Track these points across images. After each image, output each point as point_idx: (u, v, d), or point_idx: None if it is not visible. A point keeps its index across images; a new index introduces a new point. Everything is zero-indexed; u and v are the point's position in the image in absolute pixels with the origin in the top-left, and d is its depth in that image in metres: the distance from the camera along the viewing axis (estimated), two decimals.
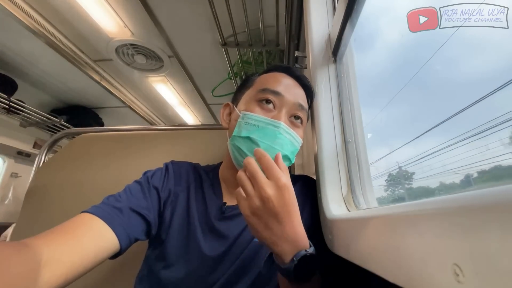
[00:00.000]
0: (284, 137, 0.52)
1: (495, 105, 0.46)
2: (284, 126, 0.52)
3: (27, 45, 1.63)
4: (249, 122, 0.53)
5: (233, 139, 0.54)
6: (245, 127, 0.52)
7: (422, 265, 0.20)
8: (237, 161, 0.54)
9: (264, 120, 0.52)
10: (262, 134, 0.51)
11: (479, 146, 0.48)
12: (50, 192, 0.86)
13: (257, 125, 0.52)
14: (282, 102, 0.54)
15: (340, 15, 0.56)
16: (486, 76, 0.50)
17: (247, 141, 0.52)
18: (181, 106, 2.48)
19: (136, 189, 0.53)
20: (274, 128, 0.51)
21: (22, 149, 2.27)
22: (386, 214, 0.27)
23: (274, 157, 0.48)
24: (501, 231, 0.14)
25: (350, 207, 0.51)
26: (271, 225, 0.39)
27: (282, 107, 0.54)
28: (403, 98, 0.63)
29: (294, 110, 0.55)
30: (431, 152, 0.58)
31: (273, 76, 0.58)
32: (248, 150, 0.51)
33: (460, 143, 0.52)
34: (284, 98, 0.54)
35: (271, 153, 0.49)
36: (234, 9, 1.29)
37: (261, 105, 0.54)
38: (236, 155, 0.54)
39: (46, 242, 0.37)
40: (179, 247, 0.52)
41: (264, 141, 0.51)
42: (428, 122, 0.59)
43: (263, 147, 0.50)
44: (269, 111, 0.54)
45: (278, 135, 0.51)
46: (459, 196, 0.17)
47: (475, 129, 0.48)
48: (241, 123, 0.53)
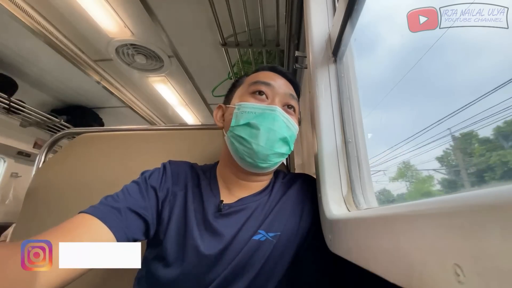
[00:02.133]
0: (281, 120, 0.55)
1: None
2: (280, 110, 0.56)
3: (28, 45, 1.63)
4: (245, 111, 0.55)
5: (231, 130, 0.56)
6: (242, 116, 0.55)
7: (423, 265, 0.20)
8: (238, 152, 0.56)
9: (260, 106, 0.56)
10: (261, 118, 0.54)
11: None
12: (50, 192, 0.86)
13: (254, 112, 0.55)
14: (274, 92, 0.58)
15: (340, 15, 0.56)
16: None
17: (246, 128, 0.54)
18: (181, 106, 2.48)
19: (134, 189, 0.53)
20: (270, 111, 0.55)
21: (22, 149, 2.27)
22: (386, 214, 0.27)
23: (273, 139, 0.52)
24: (502, 231, 0.14)
25: (350, 207, 0.51)
26: None
27: (275, 96, 0.58)
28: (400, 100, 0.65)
29: (286, 99, 0.59)
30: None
31: (263, 73, 0.63)
32: (249, 136, 0.54)
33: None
34: (275, 88, 0.58)
35: (272, 135, 0.53)
36: (234, 9, 1.29)
37: (255, 96, 0.58)
38: (236, 146, 0.55)
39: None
40: (177, 246, 0.52)
41: (264, 124, 0.53)
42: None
43: (264, 130, 0.53)
44: (263, 100, 0.57)
45: (276, 117, 0.54)
46: (460, 196, 0.17)
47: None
48: (237, 113, 0.56)
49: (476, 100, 0.49)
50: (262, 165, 0.55)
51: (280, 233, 0.53)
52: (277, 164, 0.58)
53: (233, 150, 0.57)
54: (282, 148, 0.56)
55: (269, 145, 0.53)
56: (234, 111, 0.57)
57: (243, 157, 0.55)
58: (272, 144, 0.53)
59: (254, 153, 0.53)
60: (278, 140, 0.54)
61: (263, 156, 0.53)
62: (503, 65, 0.48)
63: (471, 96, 0.49)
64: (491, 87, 0.47)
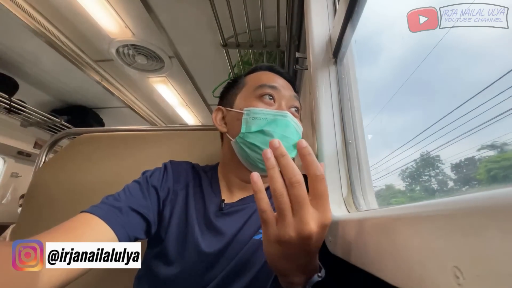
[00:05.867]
0: (293, 126, 0.55)
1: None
2: (290, 115, 0.55)
3: (28, 45, 1.64)
4: (256, 117, 0.54)
5: (242, 136, 0.54)
6: (253, 122, 0.54)
7: (422, 267, 0.20)
8: (249, 159, 0.55)
9: (271, 112, 0.55)
10: (274, 125, 0.53)
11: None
12: (50, 192, 0.86)
13: (266, 118, 0.54)
14: (280, 95, 0.58)
15: (340, 17, 0.56)
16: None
17: (259, 135, 0.53)
18: (181, 106, 2.48)
19: (135, 189, 0.53)
20: (282, 118, 0.54)
21: (22, 149, 2.28)
22: (386, 215, 0.27)
23: (287, 146, 0.49)
24: (502, 234, 0.14)
25: (350, 208, 0.50)
26: (297, 259, 0.34)
27: (281, 100, 0.58)
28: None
29: (291, 101, 0.59)
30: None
31: (263, 74, 0.62)
32: (262, 143, 0.53)
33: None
34: (281, 91, 0.58)
35: (285, 142, 0.50)
36: (235, 10, 1.30)
37: (263, 99, 0.57)
38: (248, 152, 0.54)
39: (46, 242, 0.37)
40: (178, 245, 0.52)
41: (277, 131, 0.53)
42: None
43: (277, 137, 0.52)
44: (271, 104, 0.57)
45: (288, 123, 0.54)
46: (460, 198, 0.17)
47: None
48: (247, 119, 0.55)
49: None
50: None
51: None
52: None
53: (243, 156, 0.56)
54: (292, 153, 0.54)
55: None
56: (244, 116, 0.55)
57: (255, 163, 0.54)
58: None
59: None
60: (290, 146, 0.53)
61: None
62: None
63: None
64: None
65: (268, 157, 0.33)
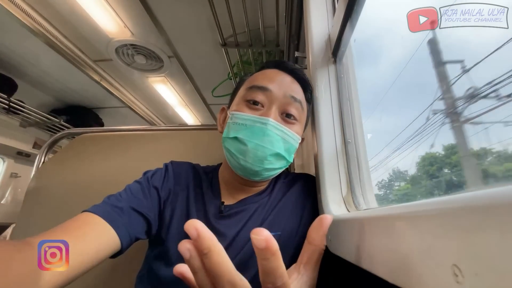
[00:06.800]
0: (274, 134, 0.50)
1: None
2: (273, 122, 0.50)
3: (27, 45, 1.63)
4: (236, 122, 0.52)
5: (223, 140, 0.54)
6: (233, 127, 0.52)
7: (422, 266, 0.20)
8: (230, 164, 0.54)
9: (251, 118, 0.51)
10: (249, 133, 0.50)
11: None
12: (50, 192, 0.86)
13: (245, 124, 0.51)
14: (271, 98, 0.53)
15: (340, 16, 0.56)
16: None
17: (235, 141, 0.51)
18: (181, 106, 2.48)
19: (136, 189, 0.53)
20: (261, 125, 0.50)
21: (22, 149, 2.27)
22: (385, 214, 0.27)
23: (262, 156, 0.48)
24: (501, 232, 0.14)
25: (349, 207, 0.51)
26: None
27: (272, 103, 0.52)
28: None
29: (286, 104, 0.53)
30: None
31: (263, 73, 0.58)
32: (237, 151, 0.51)
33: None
34: (273, 93, 0.53)
35: (260, 152, 0.49)
36: (234, 10, 1.29)
37: (249, 105, 0.53)
38: (229, 158, 0.54)
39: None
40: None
41: (252, 140, 0.49)
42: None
43: (251, 147, 0.49)
44: (257, 110, 0.53)
45: (267, 132, 0.49)
46: (459, 197, 0.17)
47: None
48: (229, 124, 0.53)
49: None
50: (254, 179, 0.54)
51: (281, 232, 0.53)
52: (272, 176, 0.56)
53: (228, 160, 0.55)
54: (275, 164, 0.52)
55: (257, 162, 0.50)
56: (228, 120, 0.54)
57: (235, 169, 0.54)
58: (261, 161, 0.50)
59: (243, 168, 0.51)
60: (268, 156, 0.50)
61: (253, 172, 0.51)
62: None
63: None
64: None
65: (187, 257, 0.24)
